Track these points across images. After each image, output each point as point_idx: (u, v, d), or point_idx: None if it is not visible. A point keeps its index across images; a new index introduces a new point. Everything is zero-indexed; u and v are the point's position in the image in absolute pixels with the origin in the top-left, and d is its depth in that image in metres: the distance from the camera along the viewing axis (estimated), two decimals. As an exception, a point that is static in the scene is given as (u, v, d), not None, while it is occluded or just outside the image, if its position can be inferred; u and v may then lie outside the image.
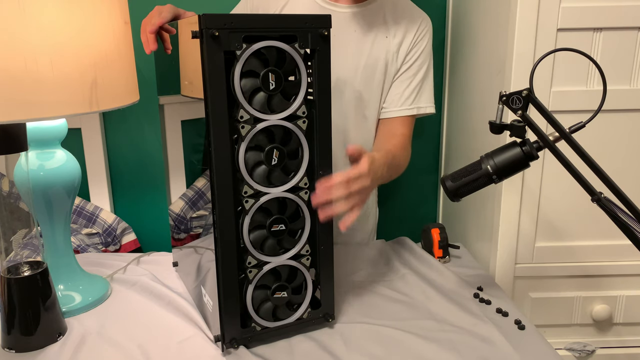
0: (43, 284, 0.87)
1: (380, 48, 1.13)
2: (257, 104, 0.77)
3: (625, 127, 1.09)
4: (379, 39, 1.13)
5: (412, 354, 0.84)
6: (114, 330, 0.91)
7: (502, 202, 1.13)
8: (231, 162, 0.77)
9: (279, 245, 0.84)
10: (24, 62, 0.73)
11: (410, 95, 1.16)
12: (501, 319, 0.95)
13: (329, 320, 0.91)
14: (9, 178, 1.27)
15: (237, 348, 0.84)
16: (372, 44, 1.13)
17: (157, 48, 0.96)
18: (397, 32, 1.14)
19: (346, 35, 1.12)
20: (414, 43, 1.15)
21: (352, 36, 1.12)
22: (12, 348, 0.86)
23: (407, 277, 1.10)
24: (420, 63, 1.16)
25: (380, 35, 1.13)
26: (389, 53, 1.14)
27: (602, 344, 1.21)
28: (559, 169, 0.81)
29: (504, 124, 0.83)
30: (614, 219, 0.75)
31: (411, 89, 1.16)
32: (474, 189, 0.85)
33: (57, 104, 0.77)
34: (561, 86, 1.06)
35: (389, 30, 1.14)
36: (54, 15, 0.75)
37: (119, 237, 1.38)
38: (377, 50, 1.13)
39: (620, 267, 1.17)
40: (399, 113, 1.17)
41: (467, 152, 1.35)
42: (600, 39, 1.04)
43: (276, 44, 0.76)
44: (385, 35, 1.13)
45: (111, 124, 1.41)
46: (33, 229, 0.90)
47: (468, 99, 1.33)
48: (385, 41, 1.13)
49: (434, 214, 1.63)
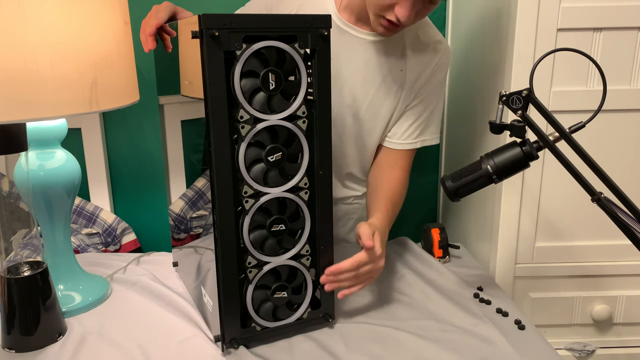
0: (43, 284, 0.87)
1: (392, 82, 1.08)
2: (257, 104, 0.77)
3: (625, 127, 1.09)
4: (394, 72, 1.07)
5: (412, 354, 0.84)
6: (114, 330, 0.91)
7: (502, 202, 1.13)
8: (231, 162, 0.77)
9: (279, 245, 0.84)
10: (24, 62, 0.73)
11: (417, 129, 1.12)
12: (501, 319, 0.95)
13: (329, 320, 0.91)
14: (9, 178, 1.27)
15: (237, 348, 0.84)
16: (385, 76, 1.07)
17: (155, 47, 0.96)
18: (415, 66, 1.08)
19: (359, 62, 1.06)
20: (430, 76, 1.09)
21: (366, 64, 1.07)
22: (12, 348, 0.86)
23: (407, 277, 1.10)
24: (433, 97, 1.11)
25: (395, 69, 1.07)
26: (401, 88, 1.08)
27: (602, 344, 1.21)
28: (559, 169, 0.81)
29: (504, 124, 0.83)
30: (614, 219, 0.75)
31: (418, 123, 1.12)
32: (474, 189, 0.85)
33: (57, 104, 0.77)
34: (561, 86, 1.06)
35: (407, 64, 1.07)
36: (54, 15, 0.75)
37: (119, 237, 1.38)
38: (389, 83, 1.08)
39: (620, 267, 1.17)
40: (402, 146, 1.13)
41: (467, 152, 1.35)
42: (600, 39, 1.04)
43: (276, 44, 0.76)
44: (400, 68, 1.07)
45: (111, 124, 1.41)
46: (33, 229, 0.90)
47: (468, 99, 1.33)
48: (399, 75, 1.07)
49: (434, 214, 1.63)
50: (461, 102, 1.39)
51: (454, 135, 1.47)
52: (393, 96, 1.09)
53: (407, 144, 1.13)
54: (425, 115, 1.12)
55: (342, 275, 0.87)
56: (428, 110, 1.12)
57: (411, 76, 1.08)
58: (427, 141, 1.14)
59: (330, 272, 0.87)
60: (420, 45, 1.08)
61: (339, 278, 0.87)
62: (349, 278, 0.88)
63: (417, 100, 1.11)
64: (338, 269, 0.86)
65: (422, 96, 1.10)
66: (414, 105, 1.11)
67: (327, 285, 0.88)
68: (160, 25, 0.94)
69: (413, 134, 1.12)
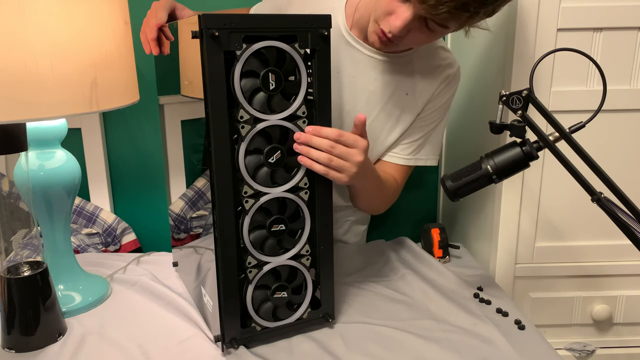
0: (43, 284, 0.87)
1: (396, 104, 1.05)
2: (257, 104, 0.77)
3: (625, 127, 1.09)
4: (398, 95, 1.05)
5: (412, 354, 0.84)
6: (114, 330, 0.91)
7: (502, 202, 1.13)
8: (231, 162, 0.77)
9: (279, 245, 0.84)
10: (24, 62, 0.73)
11: (412, 146, 1.10)
12: (501, 319, 0.95)
13: (329, 320, 0.91)
14: (9, 178, 1.27)
15: (237, 348, 0.84)
16: (390, 97, 1.05)
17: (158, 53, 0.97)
18: (423, 90, 1.05)
19: (364, 80, 1.04)
20: (436, 95, 1.07)
21: (371, 84, 1.04)
22: (12, 348, 0.86)
23: (407, 277, 1.10)
24: (436, 116, 1.09)
25: (400, 92, 1.05)
26: (404, 111, 1.06)
27: (602, 344, 1.21)
28: (559, 169, 0.81)
29: (504, 124, 0.83)
30: (614, 219, 0.75)
31: (415, 140, 1.09)
32: (474, 189, 0.85)
33: (57, 104, 0.77)
34: (561, 86, 1.06)
35: (415, 88, 1.05)
36: (54, 16, 0.75)
37: (119, 237, 1.38)
38: (392, 105, 1.05)
39: (620, 267, 1.17)
40: (396, 160, 1.10)
41: (467, 152, 1.35)
42: (600, 39, 1.04)
43: (276, 44, 0.76)
44: (405, 92, 1.05)
45: (111, 124, 1.41)
46: (33, 229, 0.90)
47: (468, 99, 1.33)
48: (404, 98, 1.05)
49: (434, 214, 1.63)
50: (461, 102, 1.39)
51: (454, 135, 1.47)
52: (395, 118, 1.06)
53: (401, 158, 1.10)
54: (424, 133, 1.10)
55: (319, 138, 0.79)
56: (427, 129, 1.10)
57: (419, 100, 1.06)
58: (421, 161, 1.11)
59: (310, 129, 0.79)
60: (429, 69, 1.05)
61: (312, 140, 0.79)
62: (322, 145, 0.79)
63: (419, 122, 1.09)
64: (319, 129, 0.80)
65: (425, 114, 1.08)
66: (417, 126, 1.09)
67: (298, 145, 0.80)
68: (160, 25, 0.95)
69: (407, 149, 1.10)
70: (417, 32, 0.89)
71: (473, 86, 1.30)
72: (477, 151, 1.00)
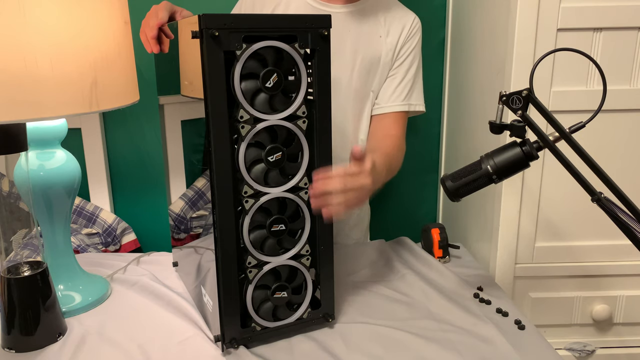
0: (43, 284, 0.87)
1: (375, 46, 1.14)
2: (257, 104, 0.77)
3: (625, 127, 1.09)
4: (374, 38, 1.14)
5: (412, 354, 0.84)
6: (114, 330, 0.91)
7: (502, 202, 1.13)
8: (231, 162, 0.77)
9: (279, 245, 0.84)
10: (24, 62, 0.73)
11: (402, 92, 1.17)
12: (501, 319, 0.95)
13: (329, 320, 0.91)
14: (9, 178, 1.27)
15: (237, 348, 0.84)
16: (368, 42, 1.13)
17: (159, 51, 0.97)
18: (390, 30, 1.15)
19: (341, 35, 1.11)
20: (405, 40, 1.16)
21: (347, 35, 1.12)
22: (12, 348, 0.86)
23: (407, 277, 1.10)
24: (411, 60, 1.17)
25: (375, 34, 1.14)
26: (383, 51, 1.14)
27: (602, 344, 1.21)
28: (559, 169, 0.81)
29: (504, 124, 0.83)
30: (614, 219, 0.75)
31: (402, 86, 1.17)
32: (474, 189, 0.85)
33: (57, 104, 0.77)
34: (561, 86, 1.06)
35: (383, 29, 1.14)
36: (54, 16, 0.75)
37: (119, 237, 1.38)
38: (372, 49, 1.14)
39: (620, 267, 1.17)
40: (391, 109, 1.17)
41: (467, 152, 1.35)
42: (600, 39, 1.04)
43: (276, 44, 0.76)
44: (379, 34, 1.14)
45: (111, 124, 1.41)
46: (33, 229, 0.90)
47: (468, 99, 1.33)
48: (379, 40, 1.14)
49: (434, 214, 1.63)
50: (461, 102, 1.39)
51: (454, 135, 1.47)
52: (377, 60, 1.14)
53: (396, 105, 1.17)
54: (408, 79, 1.17)
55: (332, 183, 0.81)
56: (409, 75, 1.17)
57: (389, 40, 1.14)
58: (413, 106, 1.18)
59: (320, 176, 0.81)
60: (391, 12, 1.16)
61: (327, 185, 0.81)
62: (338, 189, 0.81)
63: (397, 63, 1.16)
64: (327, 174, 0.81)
65: (401, 60, 1.16)
66: (396, 67, 1.17)
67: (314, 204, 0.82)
68: (161, 25, 0.95)
69: (399, 97, 1.17)
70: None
71: (473, 86, 1.30)
72: (477, 151, 1.00)
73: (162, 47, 0.98)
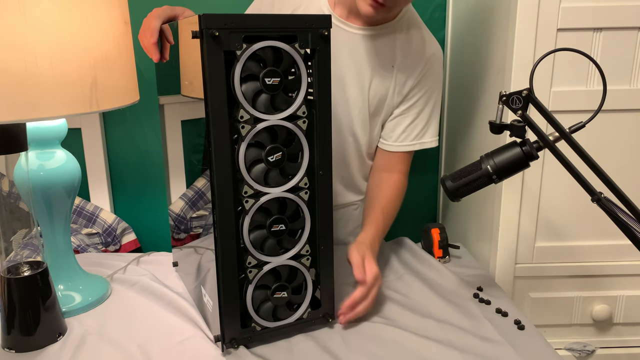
0: (43, 284, 0.87)
1: (384, 76, 1.09)
2: (257, 104, 0.77)
3: (625, 127, 1.09)
4: (385, 67, 1.08)
5: (412, 354, 0.84)
6: (114, 330, 0.91)
7: (502, 202, 1.13)
8: (231, 162, 0.77)
9: (279, 245, 0.84)
10: (24, 62, 0.73)
11: (413, 132, 1.13)
12: (501, 319, 0.95)
13: (329, 320, 0.91)
14: (9, 178, 1.27)
15: (237, 348, 0.84)
16: (378, 70, 1.08)
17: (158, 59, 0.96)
18: (404, 66, 1.08)
19: (353, 56, 1.08)
20: (421, 77, 1.10)
21: (359, 59, 1.08)
22: (12, 348, 0.86)
23: (406, 277, 1.10)
24: (426, 99, 1.11)
25: (387, 64, 1.08)
26: (391, 84, 1.09)
27: (602, 344, 1.21)
28: (559, 169, 0.81)
29: (504, 124, 0.83)
30: (614, 219, 0.75)
31: (414, 125, 1.12)
32: (474, 189, 0.85)
33: (57, 104, 0.77)
34: (561, 86, 1.06)
35: (397, 60, 1.09)
36: (54, 16, 0.75)
37: (119, 237, 1.38)
38: (380, 77, 1.09)
39: (620, 267, 1.17)
40: (399, 149, 1.14)
41: (467, 152, 1.35)
42: (600, 39, 1.04)
43: (276, 44, 0.76)
44: (391, 64, 1.09)
45: (111, 124, 1.41)
46: (33, 229, 0.90)
47: (468, 99, 1.33)
48: (390, 71, 1.09)
49: (434, 214, 1.63)
50: (461, 102, 1.39)
51: (454, 135, 1.47)
52: (384, 90, 1.10)
53: (404, 146, 1.13)
54: (423, 117, 1.12)
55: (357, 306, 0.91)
56: (425, 113, 1.12)
57: (401, 76, 1.09)
58: (425, 144, 1.15)
59: (347, 306, 0.90)
60: (410, 43, 1.09)
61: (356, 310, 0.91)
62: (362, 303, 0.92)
63: (410, 102, 1.11)
64: (353, 301, 0.91)
65: (415, 98, 1.11)
66: (407, 107, 1.12)
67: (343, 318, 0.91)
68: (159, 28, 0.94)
69: (409, 135, 1.13)
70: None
71: (473, 86, 1.30)
72: (477, 151, 1.00)
73: (163, 53, 0.97)
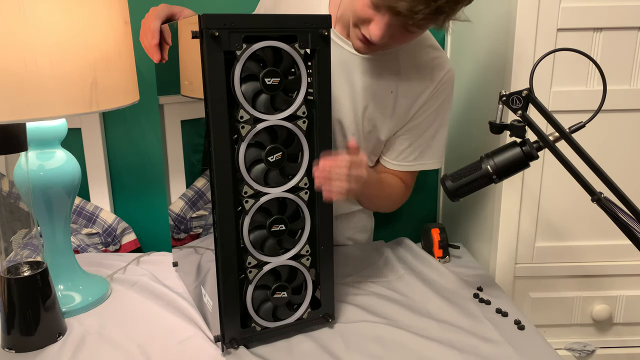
0: (43, 284, 0.87)
1: (381, 102, 1.03)
2: (257, 104, 0.77)
3: (625, 127, 1.09)
4: (383, 94, 1.02)
5: (412, 354, 0.84)
6: (114, 330, 0.91)
7: (502, 202, 1.13)
8: (231, 162, 0.77)
9: (279, 245, 0.84)
10: (24, 62, 0.73)
11: (413, 152, 1.09)
12: (501, 319, 0.95)
13: (329, 320, 0.91)
14: (9, 178, 1.27)
15: (237, 348, 0.84)
16: (374, 96, 1.03)
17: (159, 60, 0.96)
18: (408, 92, 1.02)
19: (351, 77, 1.02)
20: (427, 100, 1.04)
21: (355, 81, 1.02)
22: (12, 348, 0.86)
23: (406, 278, 1.10)
24: (432, 120, 1.06)
25: (385, 90, 1.02)
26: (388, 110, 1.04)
27: (602, 344, 1.21)
28: (559, 169, 0.81)
29: (504, 124, 0.83)
30: (614, 219, 0.75)
31: (415, 146, 1.08)
32: (474, 189, 0.85)
33: (57, 104, 0.77)
34: (561, 86, 1.06)
35: (398, 88, 1.02)
36: (54, 16, 0.75)
37: (119, 237, 1.38)
38: (376, 103, 1.03)
39: (620, 267, 1.17)
40: (399, 167, 1.11)
41: (467, 152, 1.35)
42: (600, 39, 1.04)
43: (276, 44, 0.76)
44: (390, 90, 1.02)
45: (111, 124, 1.41)
46: (33, 229, 0.90)
47: (468, 99, 1.33)
48: (388, 97, 1.03)
49: (434, 214, 1.63)
50: (461, 102, 1.39)
51: (454, 135, 1.47)
52: (380, 116, 1.04)
53: (404, 165, 1.10)
54: (426, 138, 1.08)
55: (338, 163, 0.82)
56: (428, 134, 1.07)
57: (403, 101, 1.03)
58: (426, 165, 1.10)
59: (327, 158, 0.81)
60: (416, 68, 1.02)
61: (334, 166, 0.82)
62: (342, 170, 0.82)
63: (414, 123, 1.06)
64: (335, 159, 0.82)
65: (420, 119, 1.06)
66: (411, 127, 1.07)
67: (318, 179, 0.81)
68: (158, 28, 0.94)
69: (410, 156, 1.09)
70: (398, 35, 0.89)
71: (473, 86, 1.30)
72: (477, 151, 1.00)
73: (163, 54, 0.96)
